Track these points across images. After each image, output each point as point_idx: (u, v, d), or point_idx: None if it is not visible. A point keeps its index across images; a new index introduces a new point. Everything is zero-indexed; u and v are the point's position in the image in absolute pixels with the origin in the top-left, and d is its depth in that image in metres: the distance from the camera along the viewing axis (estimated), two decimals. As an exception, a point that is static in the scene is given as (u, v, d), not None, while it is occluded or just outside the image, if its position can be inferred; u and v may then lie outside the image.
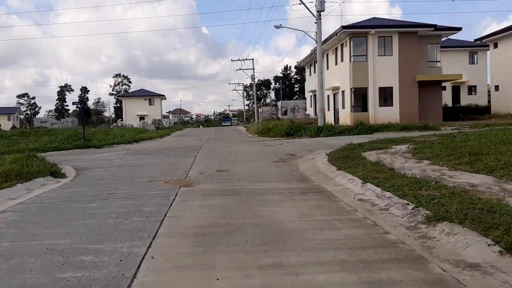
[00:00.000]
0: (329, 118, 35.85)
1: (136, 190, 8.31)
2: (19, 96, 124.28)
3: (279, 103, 72.53)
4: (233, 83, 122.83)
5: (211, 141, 23.74)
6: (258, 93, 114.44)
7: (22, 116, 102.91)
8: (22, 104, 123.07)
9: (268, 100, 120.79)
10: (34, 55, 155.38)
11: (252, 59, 66.72)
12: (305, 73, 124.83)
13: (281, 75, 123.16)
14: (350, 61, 29.81)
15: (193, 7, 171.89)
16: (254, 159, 12.94)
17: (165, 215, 6.06)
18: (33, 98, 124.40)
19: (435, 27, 29.54)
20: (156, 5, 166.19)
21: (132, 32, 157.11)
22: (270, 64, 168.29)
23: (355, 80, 29.62)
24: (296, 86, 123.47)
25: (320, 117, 24.79)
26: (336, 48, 33.09)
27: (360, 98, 30.30)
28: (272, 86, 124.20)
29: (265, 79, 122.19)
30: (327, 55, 36.03)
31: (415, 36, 29.71)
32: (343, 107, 32.05)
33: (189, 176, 9.87)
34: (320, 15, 24.16)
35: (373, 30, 28.64)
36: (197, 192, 7.85)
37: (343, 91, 31.89)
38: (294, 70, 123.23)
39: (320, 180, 8.84)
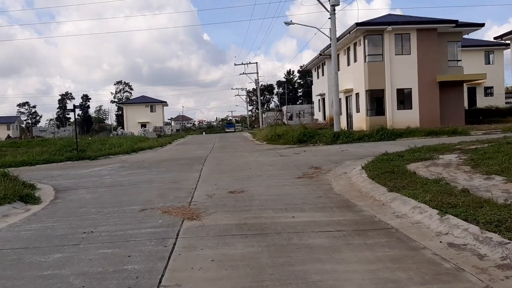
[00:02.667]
0: (341, 123, 33.58)
1: (123, 225, 6.08)
2: (19, 105, 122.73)
3: (284, 108, 70.29)
4: (236, 88, 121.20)
5: (217, 150, 21.55)
6: (261, 98, 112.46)
7: (23, 125, 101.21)
8: (23, 113, 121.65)
9: (271, 105, 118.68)
10: (37, 64, 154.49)
11: (256, 63, 64.50)
12: (309, 77, 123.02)
13: (284, 79, 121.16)
14: (365, 61, 27.62)
15: (194, 14, 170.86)
16: (272, 174, 10.70)
17: (159, 283, 3.82)
18: (34, 107, 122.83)
19: (456, 23, 27.35)
20: (157, 12, 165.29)
21: (134, 40, 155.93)
22: (271, 69, 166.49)
23: (370, 81, 27.41)
24: (299, 90, 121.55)
25: (336, 122, 22.57)
26: (348, 48, 30.92)
27: (376, 101, 28.08)
28: (275, 91, 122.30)
29: (268, 84, 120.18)
30: (338, 56, 33.82)
31: (435, 33, 27.51)
32: (357, 111, 29.81)
33: (194, 201, 7.64)
34: (334, 10, 22.04)
35: (389, 27, 26.46)
36: (207, 229, 5.60)
37: (357, 94, 29.67)
38: (297, 75, 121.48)
39: (371, 206, 6.59)
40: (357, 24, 26.68)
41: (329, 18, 22.09)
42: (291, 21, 23.52)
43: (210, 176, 11.15)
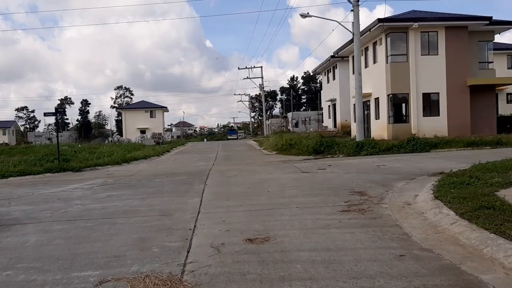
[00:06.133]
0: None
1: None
2: (18, 110, 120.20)
3: (289, 115, 67.33)
4: (239, 94, 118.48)
5: (221, 162, 18.53)
6: (265, 104, 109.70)
7: (21, 130, 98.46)
8: (21, 117, 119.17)
9: (274, 112, 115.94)
10: (39, 69, 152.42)
11: (261, 67, 61.18)
12: (313, 83, 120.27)
13: (288, 86, 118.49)
14: (387, 61, 24.66)
15: (197, 21, 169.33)
16: (302, 203, 7.65)
17: None
18: (32, 111, 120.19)
19: (490, 20, 24.40)
20: (160, 18, 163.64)
21: (137, 46, 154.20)
22: (274, 76, 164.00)
23: (393, 84, 24.42)
24: (303, 97, 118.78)
25: (359, 130, 19.58)
26: (367, 48, 27.97)
27: (399, 106, 25.08)
28: (278, 97, 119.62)
29: (271, 90, 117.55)
30: (353, 57, 30.87)
31: (465, 32, 24.56)
32: (377, 118, 26.80)
33: (191, 261, 4.61)
34: (358, 2, 19.11)
35: (415, 23, 23.51)
36: None
37: (376, 99, 26.67)
38: (301, 81, 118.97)
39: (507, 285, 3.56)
40: (379, 20, 23.75)
41: (351, 10, 19.21)
42: (308, 13, 20.45)
43: (215, 203, 8.11)
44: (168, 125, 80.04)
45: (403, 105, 24.91)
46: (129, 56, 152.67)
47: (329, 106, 42.86)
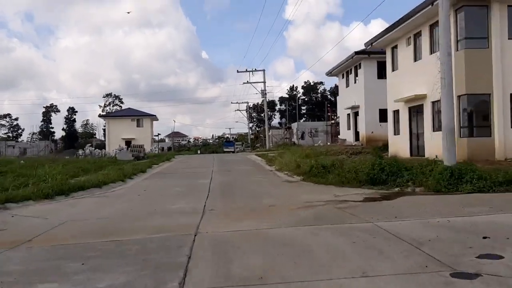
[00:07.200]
0: (397, 146, 22.94)
1: None
2: (0, 117, 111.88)
3: (293, 125, 59.63)
4: (236, 102, 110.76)
5: (219, 203, 10.51)
6: (262, 115, 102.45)
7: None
8: (3, 125, 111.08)
9: (273, 123, 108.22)
10: (32, 78, 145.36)
11: (263, 70, 53.07)
12: (313, 93, 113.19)
13: (287, 96, 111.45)
14: (458, 48, 17.12)
15: (193, 32, 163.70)
16: None
17: None
18: (16, 119, 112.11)
19: None
20: (157, 30, 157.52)
21: (131, 56, 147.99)
22: (269, 88, 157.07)
23: (468, 81, 16.81)
24: (303, 108, 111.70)
25: (449, 149, 11.81)
26: (418, 34, 20.44)
27: (475, 113, 17.48)
28: (277, 107, 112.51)
29: (269, 100, 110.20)
30: (394, 49, 23.38)
31: None
32: (435, 129, 19.19)
33: None
34: None
35: (503, -8, 16.08)
36: None
37: (436, 102, 19.07)
38: (301, 91, 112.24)
39: None
40: (452, -14, 16.27)
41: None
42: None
43: None
44: (155, 135, 71.80)
45: (483, 111, 17.30)
46: (124, 66, 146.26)
47: (348, 114, 35.24)
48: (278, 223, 7.41)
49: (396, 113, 23.24)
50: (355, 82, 33.11)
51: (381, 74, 30.79)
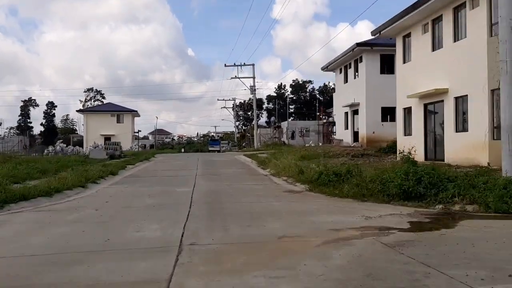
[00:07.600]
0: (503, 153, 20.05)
1: None
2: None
3: (283, 124, 56.69)
4: (223, 99, 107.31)
5: (203, 214, 7.52)
6: (249, 113, 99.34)
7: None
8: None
9: (260, 121, 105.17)
10: (16, 72, 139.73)
11: (253, 65, 49.79)
12: (302, 92, 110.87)
13: (275, 94, 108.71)
14: (492, 34, 14.31)
15: (179, 29, 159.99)
16: None
17: None
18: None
19: None
20: (143, 25, 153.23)
21: (117, 52, 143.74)
22: (258, 85, 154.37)
23: (505, 72, 14.04)
24: (291, 106, 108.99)
25: (506, 152, 8.94)
26: (436, 20, 17.64)
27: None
28: (264, 106, 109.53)
29: (257, 98, 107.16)
30: (406, 37, 20.56)
31: None
32: (459, 129, 16.41)
33: None
34: None
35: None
36: None
37: (458, 98, 16.26)
38: (290, 89, 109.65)
39: None
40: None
41: None
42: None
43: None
44: (135, 132, 67.97)
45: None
46: (109, 61, 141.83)
47: (346, 113, 32.40)
48: (305, 282, 4.34)
49: (407, 110, 20.43)
50: (355, 78, 30.31)
51: (385, 68, 28.10)
